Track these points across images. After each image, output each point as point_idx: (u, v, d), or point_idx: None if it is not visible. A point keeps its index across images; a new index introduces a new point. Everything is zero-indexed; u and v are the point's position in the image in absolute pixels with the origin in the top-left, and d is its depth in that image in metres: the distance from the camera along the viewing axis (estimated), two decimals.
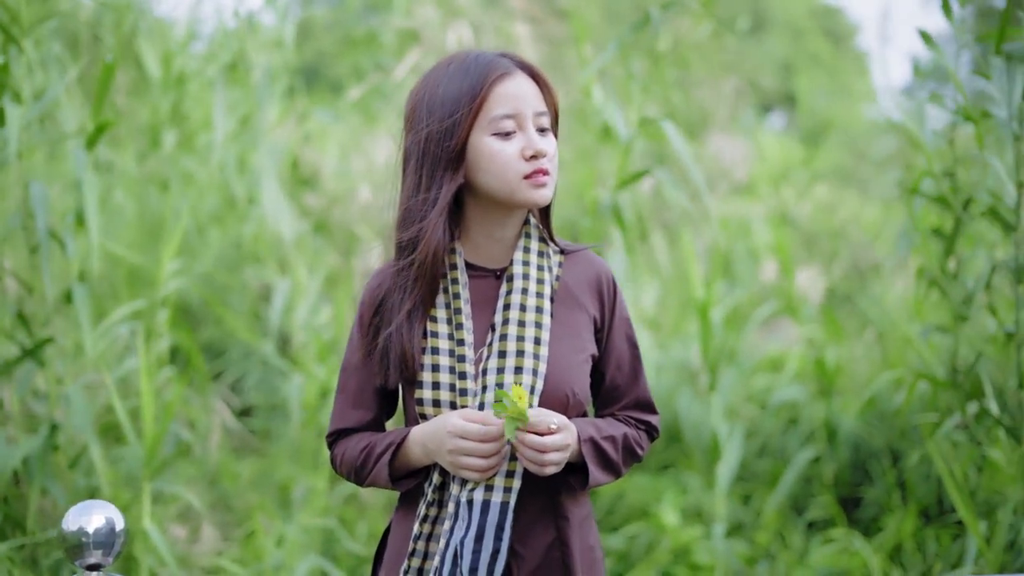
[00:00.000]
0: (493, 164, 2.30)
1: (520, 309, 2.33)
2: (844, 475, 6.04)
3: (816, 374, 6.23)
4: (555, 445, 2.21)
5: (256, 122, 6.28)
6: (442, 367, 2.31)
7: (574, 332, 2.38)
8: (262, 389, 6.33)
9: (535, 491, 2.32)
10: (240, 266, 6.49)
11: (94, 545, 2.41)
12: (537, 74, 2.37)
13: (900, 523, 5.51)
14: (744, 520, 5.96)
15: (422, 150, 2.35)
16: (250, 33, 6.08)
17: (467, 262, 2.39)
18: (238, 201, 6.32)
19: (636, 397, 2.48)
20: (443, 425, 2.24)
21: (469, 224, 2.39)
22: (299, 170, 6.40)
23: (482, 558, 2.25)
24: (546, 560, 2.33)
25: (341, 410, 2.46)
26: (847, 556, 5.47)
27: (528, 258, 2.38)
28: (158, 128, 6.02)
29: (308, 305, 5.84)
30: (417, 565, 2.32)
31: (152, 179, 6.34)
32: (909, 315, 6.46)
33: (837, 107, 15.14)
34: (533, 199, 2.31)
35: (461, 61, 2.36)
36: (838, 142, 12.65)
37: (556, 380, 2.32)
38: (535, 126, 2.32)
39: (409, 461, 2.35)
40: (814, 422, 6.15)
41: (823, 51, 16.11)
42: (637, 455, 2.46)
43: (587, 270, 2.44)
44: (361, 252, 6.19)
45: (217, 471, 5.54)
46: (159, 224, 6.15)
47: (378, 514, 5.85)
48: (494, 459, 2.23)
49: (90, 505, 2.45)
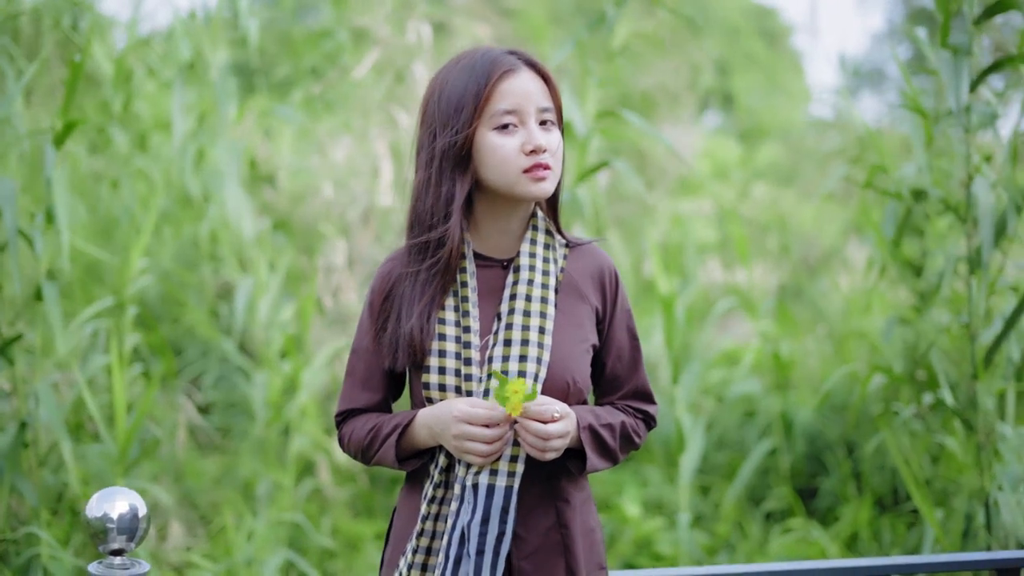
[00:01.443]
0: (494, 159, 2.36)
1: (526, 299, 2.40)
2: (800, 466, 6.15)
3: (773, 368, 6.33)
4: (557, 432, 2.28)
5: (213, 120, 6.28)
6: (449, 353, 2.37)
7: (577, 323, 2.45)
8: (221, 387, 6.33)
9: (535, 476, 2.39)
10: (196, 264, 6.48)
11: (118, 531, 2.46)
12: (543, 71, 2.43)
13: (856, 513, 5.62)
14: (704, 511, 6.05)
15: (432, 146, 2.41)
16: (207, 31, 6.06)
17: (475, 252, 2.45)
18: (194, 199, 6.31)
19: (635, 387, 2.56)
20: (449, 410, 2.31)
21: (477, 216, 2.45)
22: (257, 168, 6.41)
23: (488, 540, 2.31)
24: (547, 542, 2.40)
25: (350, 391, 2.53)
26: (805, 545, 5.58)
27: (535, 250, 2.44)
28: (108, 126, 5.99)
29: (270, 302, 5.85)
30: (425, 544, 2.38)
31: (103, 177, 6.30)
32: (860, 309, 6.58)
33: (773, 106, 15.31)
34: (532, 193, 2.37)
35: (468, 58, 2.42)
36: (775, 140, 12.82)
37: (558, 369, 2.39)
38: (538, 121, 2.38)
39: (415, 442, 2.41)
40: (771, 415, 6.25)
41: (758, 51, 16.24)
42: (634, 443, 2.53)
43: (591, 263, 2.51)
44: (324, 249, 6.21)
45: (182, 468, 5.55)
46: (110, 223, 6.12)
47: (341, 510, 5.89)
48: (497, 444, 2.30)
49: (113, 492, 2.51)
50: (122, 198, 5.94)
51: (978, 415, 4.51)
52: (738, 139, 13.36)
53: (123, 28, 6.18)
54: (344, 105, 7.03)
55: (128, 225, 5.97)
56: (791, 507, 5.94)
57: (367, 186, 6.39)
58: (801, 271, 8.22)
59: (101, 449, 4.72)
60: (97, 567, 2.52)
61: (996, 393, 4.56)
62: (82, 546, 4.55)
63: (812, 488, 6.20)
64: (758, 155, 11.70)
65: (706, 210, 9.16)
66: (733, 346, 7.14)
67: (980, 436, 4.51)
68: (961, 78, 4.47)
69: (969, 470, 4.58)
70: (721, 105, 15.07)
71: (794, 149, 12.09)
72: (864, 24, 26.25)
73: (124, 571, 2.50)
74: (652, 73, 9.74)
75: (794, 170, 11.50)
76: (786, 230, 8.61)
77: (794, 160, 11.76)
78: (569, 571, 2.40)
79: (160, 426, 5.50)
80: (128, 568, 2.51)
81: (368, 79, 6.60)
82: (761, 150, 12.06)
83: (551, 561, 2.39)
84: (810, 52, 20.80)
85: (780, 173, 11.61)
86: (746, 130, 14.08)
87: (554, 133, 2.40)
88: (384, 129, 6.55)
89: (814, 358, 6.71)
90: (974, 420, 4.55)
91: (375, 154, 6.35)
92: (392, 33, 6.50)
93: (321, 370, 5.77)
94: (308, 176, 6.57)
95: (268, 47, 10.54)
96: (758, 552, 5.69)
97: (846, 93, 8.07)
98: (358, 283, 6.29)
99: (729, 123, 14.79)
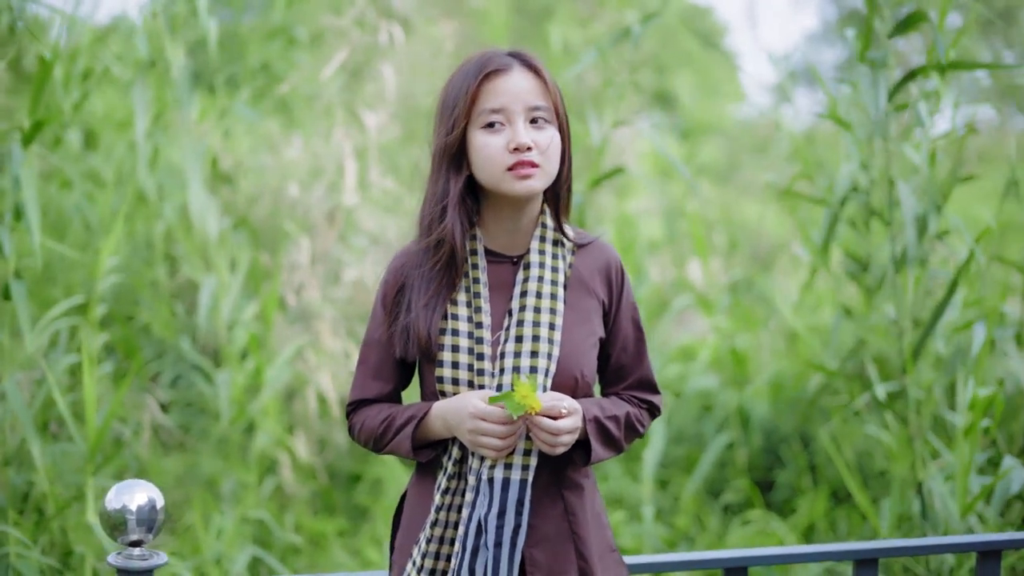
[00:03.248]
0: (480, 157, 2.42)
1: (536, 296, 2.46)
2: (758, 459, 6.25)
3: (731, 362, 6.42)
4: (567, 428, 2.35)
5: (168, 119, 6.26)
6: (461, 348, 2.43)
7: (585, 318, 2.52)
8: (177, 386, 6.31)
9: (543, 466, 2.45)
10: (151, 264, 6.45)
11: (137, 522, 2.50)
12: (539, 70, 2.48)
13: (812, 504, 5.72)
14: (663, 505, 6.12)
15: (435, 145, 2.47)
16: (169, 30, 6.04)
17: (486, 248, 2.50)
18: (149, 199, 6.27)
19: (639, 377, 2.63)
20: (464, 406, 2.36)
21: (484, 215, 2.51)
22: (218, 167, 6.39)
23: (505, 533, 2.38)
24: (556, 530, 2.47)
25: (362, 382, 2.58)
26: (763, 537, 5.67)
27: (544, 247, 2.50)
28: (61, 125, 5.94)
29: (232, 301, 5.85)
30: (439, 534, 2.44)
31: (54, 177, 6.26)
32: (811, 304, 6.70)
33: (710, 105, 15.46)
34: (516, 191, 2.42)
35: (467, 59, 2.49)
36: (713, 138, 12.94)
37: (567, 364, 2.46)
38: (528, 120, 2.43)
39: (429, 433, 2.47)
40: (728, 409, 6.34)
41: (694, 51, 16.40)
42: (638, 432, 2.61)
43: (598, 258, 2.58)
44: (287, 248, 6.21)
45: (145, 467, 5.53)
46: (62, 222, 6.09)
47: (303, 507, 5.90)
48: (511, 439, 2.36)
49: (132, 484, 2.56)
50: (73, 197, 5.91)
51: (908, 408, 4.69)
52: (679, 138, 13.46)
53: (63, 24, 6.05)
54: (307, 105, 7.03)
55: (80, 224, 5.95)
56: (749, 499, 6.03)
57: (332, 185, 6.40)
58: (751, 267, 8.32)
59: (67, 449, 4.71)
60: (116, 558, 2.55)
61: (923, 386, 4.73)
62: (50, 545, 4.53)
63: (769, 480, 6.30)
64: (699, 153, 11.80)
65: (652, 208, 9.24)
66: (689, 342, 7.23)
67: (912, 428, 4.68)
68: (879, 90, 4.68)
69: (901, 461, 4.75)
70: (660, 105, 15.18)
71: (733, 148, 12.22)
72: (798, 24, 26.59)
73: (143, 562, 2.54)
74: (595, 72, 9.81)
75: (734, 168, 11.63)
76: (733, 226, 8.72)
77: (732, 158, 11.90)
78: (579, 556, 2.47)
79: (125, 425, 5.48)
80: (147, 559, 2.55)
81: (333, 78, 6.61)
82: (702, 148, 12.17)
83: (562, 548, 2.45)
84: (746, 51, 20.99)
85: (721, 171, 11.74)
86: (687, 129, 14.20)
87: (546, 131, 2.44)
88: (349, 129, 6.57)
89: (766, 352, 6.81)
90: (904, 413, 4.72)
91: (340, 153, 6.36)
92: (361, 34, 6.52)
93: (284, 368, 5.78)
94: (269, 175, 6.56)
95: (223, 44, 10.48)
96: (717, 544, 5.78)
97: (781, 93, 8.19)
98: (321, 281, 6.30)
99: (669, 122, 14.90)
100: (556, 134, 2.46)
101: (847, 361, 5.41)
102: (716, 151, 12.38)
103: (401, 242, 6.50)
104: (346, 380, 6.16)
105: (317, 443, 6.25)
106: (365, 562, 5.76)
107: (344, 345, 6.15)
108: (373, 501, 6.23)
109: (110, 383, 5.40)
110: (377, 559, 5.69)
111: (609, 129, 5.63)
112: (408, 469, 6.08)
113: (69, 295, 5.45)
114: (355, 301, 6.42)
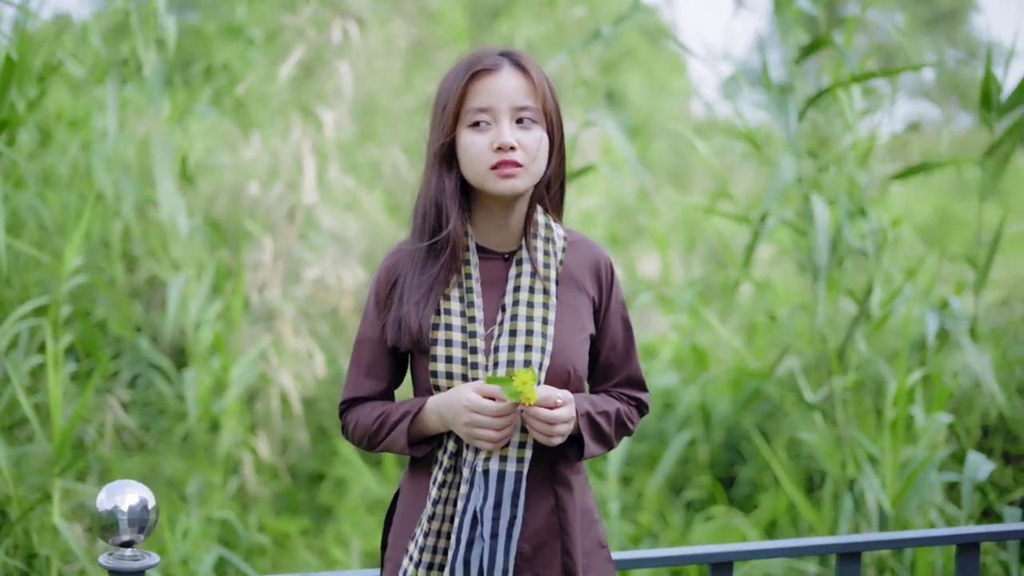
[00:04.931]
0: (466, 155, 2.44)
1: (529, 291, 2.48)
2: (720, 456, 6.29)
3: (693, 359, 6.46)
4: (563, 418, 2.37)
5: (123, 118, 6.21)
6: (455, 342, 2.45)
7: (576, 313, 2.54)
8: (136, 386, 6.27)
9: (535, 461, 2.47)
10: (109, 263, 6.39)
11: (128, 523, 2.48)
12: (528, 70, 2.49)
13: (774, 500, 5.77)
14: (627, 502, 6.15)
15: (427, 143, 2.49)
16: (141, 27, 5.98)
17: (478, 245, 2.52)
18: (107, 198, 6.22)
19: (628, 375, 2.65)
20: (459, 399, 2.38)
21: (476, 211, 2.52)
22: (186, 166, 6.35)
23: (501, 524, 2.40)
24: (546, 524, 2.48)
25: (354, 380, 2.58)
26: (727, 532, 5.71)
27: (535, 243, 2.52)
28: (15, 124, 5.87)
29: (200, 300, 5.81)
30: (436, 527, 2.45)
31: (8, 176, 6.18)
32: (769, 300, 6.74)
33: (655, 105, 15.49)
34: (499, 189, 2.44)
35: (460, 57, 2.51)
36: (661, 138, 12.99)
37: (560, 358, 2.48)
38: (514, 120, 2.44)
39: (425, 428, 2.48)
40: (689, 406, 6.38)
41: (640, 49, 16.43)
42: (628, 429, 2.64)
43: (588, 255, 2.60)
44: (250, 247, 6.18)
45: (107, 467, 5.49)
46: (17, 222, 6.02)
47: (265, 507, 5.88)
48: (506, 431, 2.37)
49: (123, 485, 2.55)
50: (27, 197, 5.85)
51: (834, 408, 4.85)
52: (629, 136, 13.47)
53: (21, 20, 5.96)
54: (264, 104, 7.00)
55: (35, 224, 5.88)
56: (712, 495, 6.07)
57: (291, 183, 6.38)
58: (709, 264, 8.37)
59: (30, 451, 4.67)
60: (107, 559, 2.53)
61: (849, 387, 4.84)
62: (13, 548, 4.49)
63: (731, 477, 6.35)
64: (649, 152, 11.84)
65: (606, 206, 9.27)
66: (650, 339, 7.26)
67: (840, 428, 4.79)
68: (788, 112, 4.83)
69: (832, 459, 4.85)
70: (607, 103, 15.22)
71: (681, 147, 12.27)
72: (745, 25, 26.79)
73: (135, 563, 2.53)
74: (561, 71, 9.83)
75: (685, 168, 11.68)
76: (691, 226, 8.76)
77: (682, 158, 11.95)
78: (564, 551, 2.48)
79: (89, 425, 5.44)
80: (139, 560, 2.54)
81: (289, 77, 6.59)
82: (651, 147, 12.21)
83: (549, 543, 2.48)
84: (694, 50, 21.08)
85: (670, 170, 11.79)
86: (635, 127, 14.23)
87: (532, 132, 2.45)
88: (307, 127, 6.55)
89: (725, 349, 6.85)
90: (833, 413, 4.83)
91: (299, 151, 6.34)
92: (316, 32, 6.50)
93: (249, 367, 5.75)
94: (228, 174, 6.53)
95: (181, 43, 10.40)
96: (680, 541, 5.81)
97: (726, 92, 8.23)
98: (282, 280, 6.27)
99: (617, 120, 14.91)
100: (544, 135, 2.47)
101: (779, 364, 5.52)
102: (666, 149, 12.42)
103: (361, 240, 6.50)
104: (309, 379, 6.14)
105: (280, 443, 6.23)
106: (330, 562, 5.74)
107: (307, 344, 6.14)
108: (336, 501, 6.22)
109: (70, 383, 5.35)
110: (342, 559, 5.68)
111: (579, 128, 5.65)
112: (372, 468, 6.07)
113: (25, 296, 5.39)
114: (316, 300, 6.41)
